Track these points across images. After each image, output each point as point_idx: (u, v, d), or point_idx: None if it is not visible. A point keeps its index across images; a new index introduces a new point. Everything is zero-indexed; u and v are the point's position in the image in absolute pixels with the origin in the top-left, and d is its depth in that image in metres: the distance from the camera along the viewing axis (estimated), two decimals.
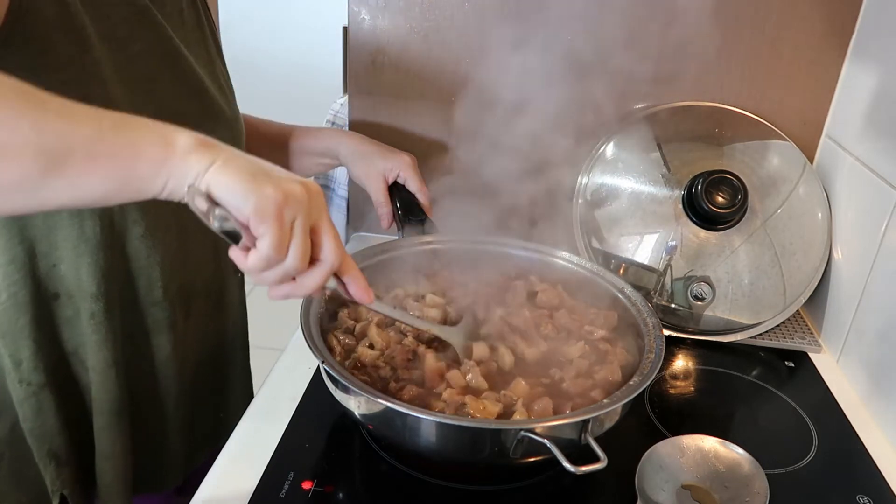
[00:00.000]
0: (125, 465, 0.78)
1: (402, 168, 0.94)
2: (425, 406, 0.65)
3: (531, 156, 1.10)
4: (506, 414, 0.66)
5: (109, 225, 0.70)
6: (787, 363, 0.92)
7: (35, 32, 0.60)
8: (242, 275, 0.86)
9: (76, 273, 0.69)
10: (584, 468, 0.56)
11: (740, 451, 0.68)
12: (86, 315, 0.71)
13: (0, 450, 0.74)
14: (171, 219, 0.74)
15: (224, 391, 0.91)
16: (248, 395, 0.94)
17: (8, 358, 0.70)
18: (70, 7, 0.62)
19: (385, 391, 0.67)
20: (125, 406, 0.77)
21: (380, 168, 0.94)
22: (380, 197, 0.94)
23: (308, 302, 0.73)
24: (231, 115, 0.81)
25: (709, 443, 0.69)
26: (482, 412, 0.65)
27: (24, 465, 0.75)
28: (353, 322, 0.76)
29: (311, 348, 0.66)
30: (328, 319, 0.76)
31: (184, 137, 0.51)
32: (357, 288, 0.59)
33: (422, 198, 0.94)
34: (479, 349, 0.72)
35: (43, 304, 0.70)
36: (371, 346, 0.72)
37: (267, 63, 3.75)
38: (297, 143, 0.98)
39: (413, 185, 0.94)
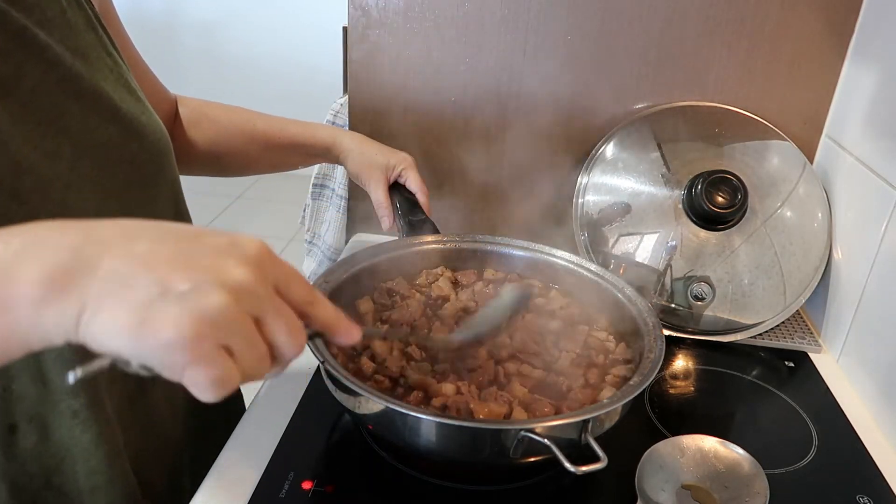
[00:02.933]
0: None
1: (402, 166, 0.93)
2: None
3: (531, 156, 1.10)
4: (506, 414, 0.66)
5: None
6: (787, 363, 0.92)
7: None
8: None
9: (37, 382, 0.57)
10: (584, 468, 0.56)
11: (740, 451, 0.68)
12: (64, 422, 0.59)
13: None
14: None
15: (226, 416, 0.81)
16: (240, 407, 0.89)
17: None
18: None
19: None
20: (134, 487, 0.67)
21: (380, 166, 0.93)
22: (380, 196, 0.93)
23: None
24: (152, 128, 0.68)
25: (709, 443, 0.69)
26: (487, 414, 0.65)
27: None
28: None
29: (311, 348, 0.66)
30: None
31: (25, 285, 0.36)
32: (341, 338, 0.47)
33: (422, 197, 0.93)
34: (446, 388, 0.68)
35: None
36: (373, 359, 0.72)
37: (267, 63, 3.76)
38: (291, 139, 0.95)
39: (413, 184, 0.93)
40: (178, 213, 0.76)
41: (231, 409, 0.83)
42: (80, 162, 0.60)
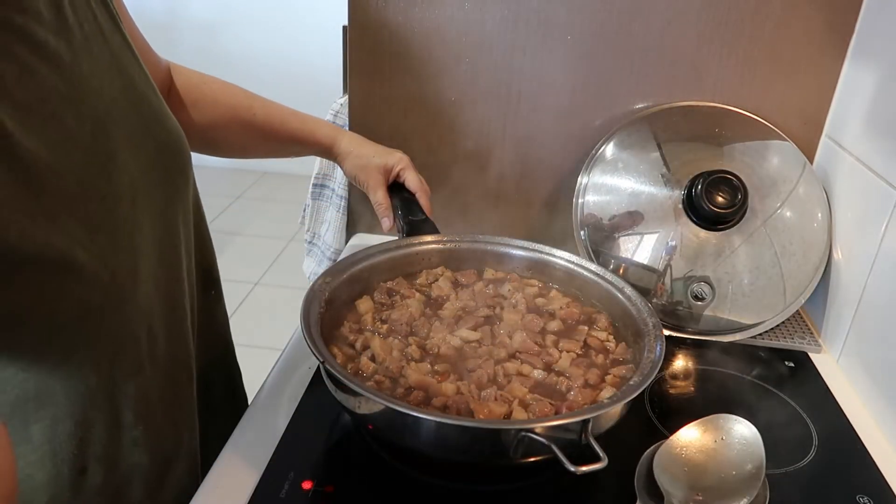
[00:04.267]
0: None
1: (400, 167, 0.93)
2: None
3: (531, 155, 1.10)
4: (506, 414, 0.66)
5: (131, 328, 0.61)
6: (787, 363, 0.92)
7: None
8: (216, 292, 0.83)
9: (112, 428, 0.60)
10: (585, 468, 0.56)
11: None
12: (125, 454, 0.62)
13: None
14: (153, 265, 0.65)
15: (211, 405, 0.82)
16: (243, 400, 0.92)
17: None
18: None
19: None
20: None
21: (378, 168, 0.93)
22: (379, 198, 0.92)
23: (308, 302, 0.73)
24: (176, 131, 0.70)
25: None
26: (487, 414, 0.65)
27: None
28: (354, 337, 0.76)
29: (311, 348, 0.66)
30: (330, 329, 0.76)
31: None
32: None
33: (422, 197, 0.93)
34: (446, 388, 0.68)
35: (64, 483, 0.59)
36: (373, 359, 0.72)
37: (267, 62, 3.76)
38: (290, 134, 0.94)
39: (412, 183, 0.93)
40: (198, 210, 0.77)
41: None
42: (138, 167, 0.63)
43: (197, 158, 0.76)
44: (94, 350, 0.58)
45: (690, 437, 0.68)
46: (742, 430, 0.68)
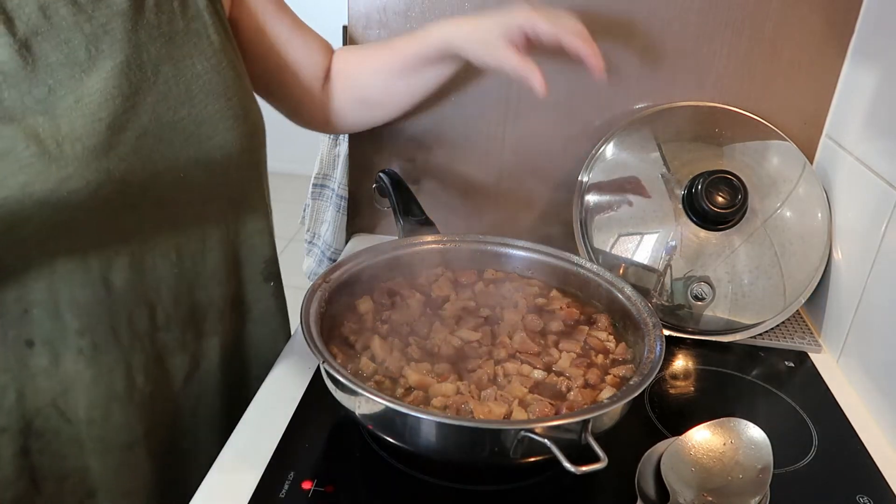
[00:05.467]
0: None
1: (522, 18, 0.78)
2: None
3: (531, 155, 1.10)
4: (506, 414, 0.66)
5: (84, 260, 0.65)
6: (787, 363, 0.92)
7: None
8: (275, 283, 0.85)
9: (54, 314, 0.65)
10: (585, 468, 0.56)
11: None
12: (71, 355, 0.67)
13: None
14: (167, 246, 0.71)
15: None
16: None
17: None
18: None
19: None
20: (143, 440, 0.74)
21: (496, 32, 0.79)
22: (513, 62, 0.79)
23: (308, 302, 0.73)
24: (235, 113, 0.73)
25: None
26: (487, 414, 0.65)
27: None
28: (354, 337, 0.76)
29: (311, 348, 0.66)
30: (330, 329, 0.76)
31: None
32: None
33: (566, 37, 0.77)
34: (446, 388, 0.68)
35: (10, 347, 0.65)
36: (373, 359, 0.72)
37: None
38: (405, 60, 0.88)
39: (545, 28, 0.78)
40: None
41: (233, 384, 0.84)
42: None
43: None
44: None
45: (700, 438, 0.68)
46: (752, 434, 0.68)
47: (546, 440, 0.58)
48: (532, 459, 0.62)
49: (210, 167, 0.71)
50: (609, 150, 1.01)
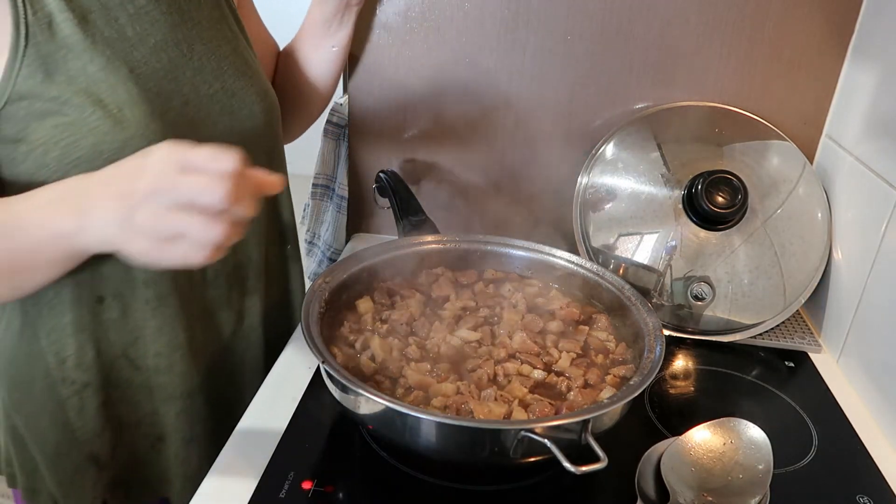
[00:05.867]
0: (204, 449, 0.82)
1: None
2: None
3: (531, 155, 1.10)
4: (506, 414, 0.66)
5: None
6: (787, 363, 0.92)
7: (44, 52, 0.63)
8: (293, 247, 0.94)
9: (123, 268, 0.70)
10: (584, 468, 0.56)
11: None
12: (139, 305, 0.74)
13: (49, 452, 0.75)
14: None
15: None
16: None
17: (52, 356, 0.72)
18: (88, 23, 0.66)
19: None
20: (200, 388, 0.80)
21: None
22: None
23: (308, 302, 0.73)
24: (257, 90, 0.80)
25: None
26: (487, 414, 0.65)
27: (71, 469, 0.76)
28: (354, 337, 0.76)
29: (311, 348, 0.66)
30: (330, 329, 0.76)
31: (65, 223, 0.57)
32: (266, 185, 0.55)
33: None
34: (446, 388, 0.69)
35: (84, 305, 0.72)
36: (373, 359, 0.72)
37: None
38: (304, 47, 0.96)
39: None
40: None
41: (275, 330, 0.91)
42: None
43: None
44: None
45: (700, 438, 0.68)
46: (752, 434, 0.68)
47: (546, 440, 0.58)
48: (532, 459, 0.62)
49: (243, 135, 0.76)
50: (609, 150, 1.01)
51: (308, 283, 0.80)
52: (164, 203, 0.52)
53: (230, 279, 0.82)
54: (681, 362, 0.92)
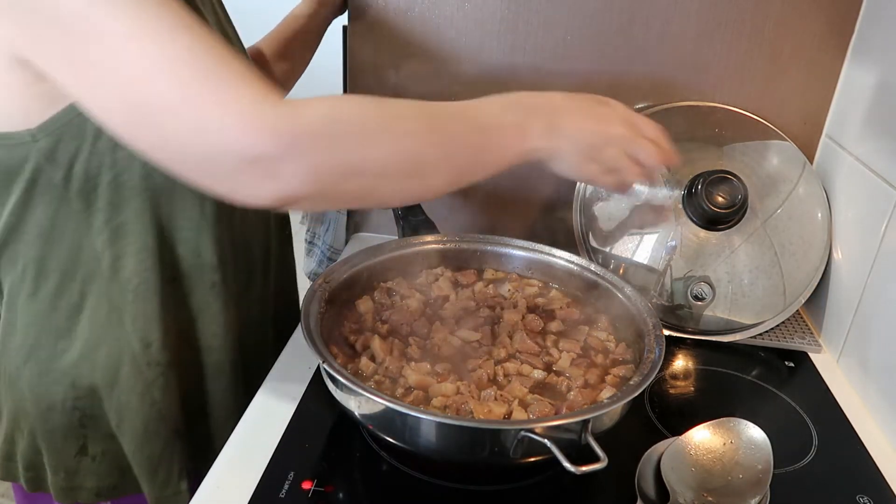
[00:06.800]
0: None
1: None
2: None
3: None
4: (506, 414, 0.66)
5: (222, 205, 0.75)
6: (787, 363, 0.92)
7: None
8: (289, 231, 1.00)
9: (195, 250, 0.75)
10: (584, 468, 0.56)
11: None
12: (205, 287, 0.77)
13: (139, 434, 0.78)
14: None
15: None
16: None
17: (138, 342, 0.75)
18: None
19: None
20: (240, 366, 0.84)
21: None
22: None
23: (308, 302, 0.73)
24: None
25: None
26: (487, 414, 0.65)
27: (160, 446, 0.79)
28: (354, 337, 0.76)
29: (311, 348, 0.66)
30: (330, 329, 0.76)
31: (534, 133, 0.65)
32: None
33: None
34: (446, 388, 0.69)
35: (167, 288, 0.75)
36: (373, 359, 0.72)
37: None
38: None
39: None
40: None
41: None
42: None
43: None
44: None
45: (700, 438, 0.68)
46: (752, 434, 0.68)
47: (546, 440, 0.58)
48: (532, 459, 0.62)
49: None
50: None
51: (308, 283, 0.81)
52: (625, 148, 0.69)
53: (263, 265, 0.87)
54: (681, 362, 0.92)
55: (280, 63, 1.04)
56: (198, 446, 0.83)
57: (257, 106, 0.53)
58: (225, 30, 0.83)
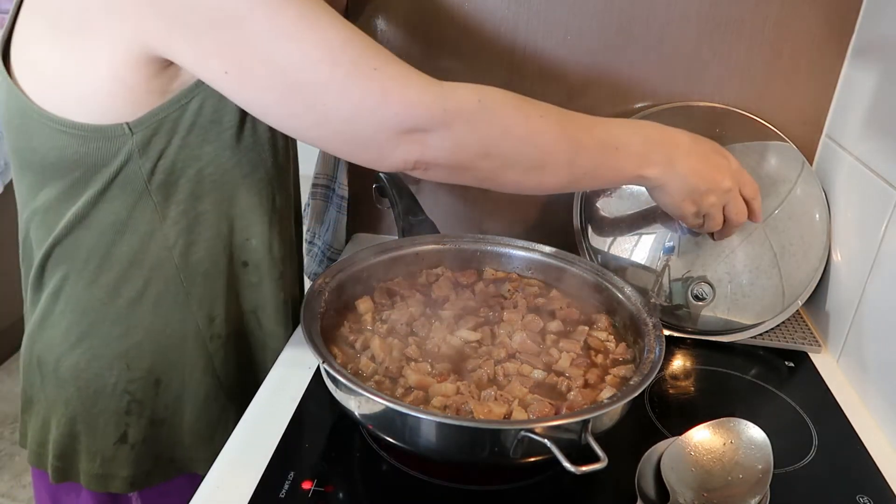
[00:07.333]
0: None
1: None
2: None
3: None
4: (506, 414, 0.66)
5: (288, 200, 0.83)
6: (787, 363, 0.92)
7: None
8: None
9: (268, 244, 0.80)
10: (584, 468, 0.56)
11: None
12: (273, 279, 0.82)
13: (200, 401, 0.82)
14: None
15: None
16: None
17: (203, 318, 0.79)
18: None
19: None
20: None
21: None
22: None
23: (308, 302, 0.73)
24: None
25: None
26: (487, 414, 0.65)
27: (217, 411, 0.84)
28: (354, 337, 0.76)
29: (311, 348, 0.66)
30: (330, 329, 0.76)
31: (651, 162, 0.72)
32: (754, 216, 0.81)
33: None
34: (446, 388, 0.69)
35: (234, 269, 0.80)
36: (373, 359, 0.72)
37: None
38: None
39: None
40: None
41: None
42: None
43: None
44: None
45: (700, 438, 0.68)
46: (752, 434, 0.68)
47: (546, 440, 0.58)
48: (532, 459, 0.62)
49: None
50: None
51: (308, 283, 0.81)
52: (723, 201, 0.77)
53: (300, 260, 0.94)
54: (681, 362, 0.92)
55: None
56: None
57: (413, 84, 0.61)
58: None
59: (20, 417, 0.86)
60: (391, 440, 0.65)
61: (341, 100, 0.60)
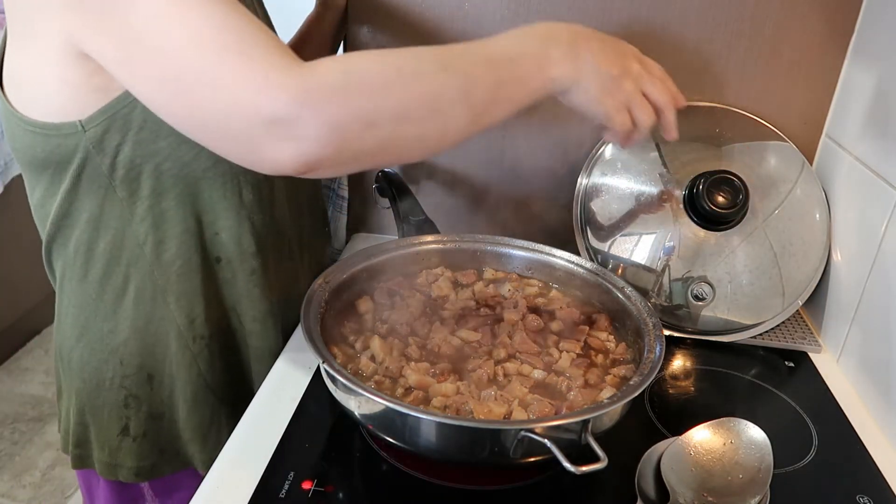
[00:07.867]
0: None
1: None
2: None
3: (531, 156, 1.10)
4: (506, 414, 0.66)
5: (259, 192, 0.79)
6: (787, 363, 0.92)
7: None
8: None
9: (237, 238, 0.78)
10: (585, 468, 0.56)
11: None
12: (245, 274, 0.81)
13: (189, 402, 0.82)
14: (306, 184, 0.91)
15: None
16: None
17: (183, 318, 0.78)
18: None
19: None
20: (279, 351, 0.86)
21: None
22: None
23: (308, 302, 0.73)
24: None
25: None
26: (487, 414, 0.65)
27: (209, 414, 0.84)
28: (354, 337, 0.76)
29: (311, 348, 0.66)
30: (330, 329, 0.76)
31: (554, 60, 0.65)
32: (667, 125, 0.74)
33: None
34: (446, 388, 0.69)
35: (208, 266, 0.79)
36: (373, 359, 0.72)
37: None
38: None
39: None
40: None
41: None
42: None
43: None
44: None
45: (700, 438, 0.68)
46: (752, 434, 0.68)
47: (546, 440, 0.58)
48: (532, 459, 0.62)
49: None
50: (608, 150, 1.01)
51: None
52: (640, 84, 0.70)
53: (301, 251, 0.91)
54: (680, 362, 0.92)
55: None
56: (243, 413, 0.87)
57: (274, 71, 0.55)
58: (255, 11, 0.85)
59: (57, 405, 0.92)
60: (391, 440, 0.65)
61: (214, 89, 0.56)
